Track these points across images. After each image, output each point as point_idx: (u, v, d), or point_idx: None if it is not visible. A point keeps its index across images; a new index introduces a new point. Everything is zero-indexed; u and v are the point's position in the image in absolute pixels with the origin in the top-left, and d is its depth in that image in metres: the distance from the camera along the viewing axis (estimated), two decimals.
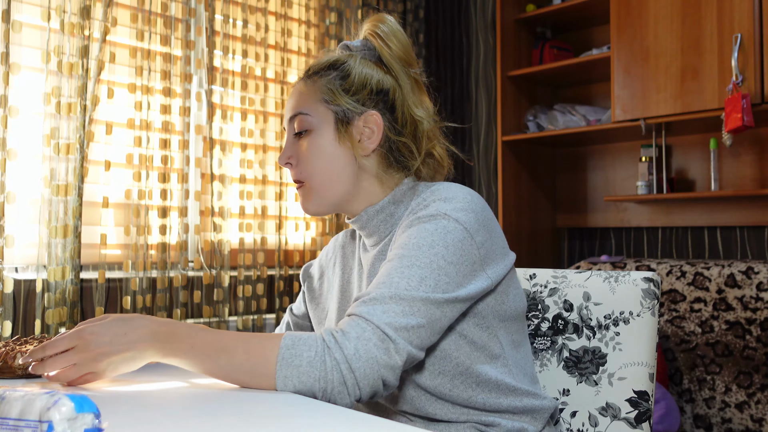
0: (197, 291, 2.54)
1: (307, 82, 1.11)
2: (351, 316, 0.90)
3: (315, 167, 1.08)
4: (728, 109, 2.35)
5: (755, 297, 2.37)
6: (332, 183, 1.08)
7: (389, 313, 0.88)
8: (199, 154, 2.63)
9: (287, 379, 0.86)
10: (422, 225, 0.97)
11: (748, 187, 2.71)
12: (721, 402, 2.43)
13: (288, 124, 1.12)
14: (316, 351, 0.86)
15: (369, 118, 1.08)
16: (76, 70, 2.20)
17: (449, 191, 1.01)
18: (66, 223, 2.16)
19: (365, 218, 1.10)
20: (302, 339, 0.87)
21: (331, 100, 1.08)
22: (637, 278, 1.12)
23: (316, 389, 0.85)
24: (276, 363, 0.86)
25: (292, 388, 0.86)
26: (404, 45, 1.11)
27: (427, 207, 0.99)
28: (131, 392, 0.88)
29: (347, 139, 1.07)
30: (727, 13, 2.45)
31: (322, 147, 1.07)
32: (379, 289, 0.90)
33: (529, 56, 3.23)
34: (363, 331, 0.87)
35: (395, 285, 0.90)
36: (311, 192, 1.09)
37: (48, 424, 0.57)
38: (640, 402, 1.08)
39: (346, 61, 1.10)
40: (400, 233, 1.00)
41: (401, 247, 0.95)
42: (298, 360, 0.85)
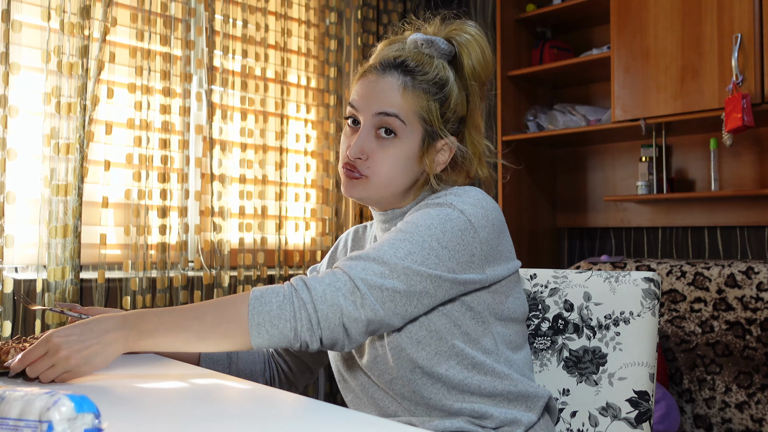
0: (197, 291, 2.54)
1: (407, 85, 1.07)
2: (331, 269, 0.95)
3: (387, 171, 1.07)
4: (728, 109, 2.35)
5: (755, 297, 2.37)
6: (393, 188, 1.09)
7: (368, 270, 0.92)
8: (199, 154, 2.63)
9: (260, 326, 0.89)
10: (427, 209, 1.00)
11: (748, 187, 2.71)
12: (721, 402, 2.43)
13: (371, 116, 1.07)
14: (284, 295, 0.90)
15: (447, 144, 1.10)
16: (76, 70, 2.20)
17: (463, 190, 1.05)
18: (66, 223, 2.16)
19: (391, 216, 1.14)
20: (270, 288, 0.92)
21: (427, 120, 1.07)
22: (637, 278, 1.12)
23: (287, 330, 0.89)
24: (248, 314, 0.89)
25: (266, 336, 0.89)
26: (487, 60, 1.12)
27: (438, 198, 1.03)
28: (131, 392, 0.88)
29: (426, 158, 1.09)
30: (727, 13, 2.45)
31: (403, 158, 1.07)
32: (365, 252, 0.95)
33: (529, 56, 3.23)
34: (336, 280, 0.91)
35: (383, 251, 0.95)
36: (369, 186, 1.08)
37: (48, 424, 0.57)
38: (640, 402, 1.08)
39: (447, 82, 1.08)
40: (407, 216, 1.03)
41: (403, 224, 1.00)
42: (268, 306, 0.89)
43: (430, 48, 1.09)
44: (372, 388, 1.08)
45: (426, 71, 1.07)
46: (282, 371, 1.28)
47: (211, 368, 1.18)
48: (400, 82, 1.07)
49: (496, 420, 1.01)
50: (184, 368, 1.06)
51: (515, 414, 1.03)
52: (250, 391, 0.89)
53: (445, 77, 1.08)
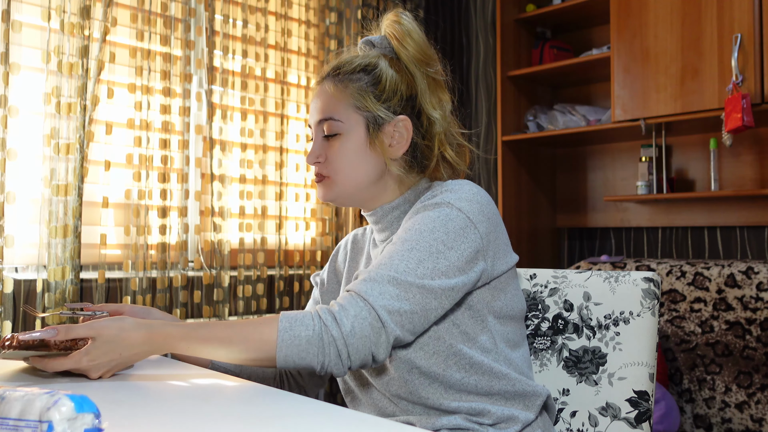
0: (197, 291, 2.54)
1: (338, 84, 1.12)
2: (350, 292, 0.95)
3: (343, 168, 1.11)
4: (728, 109, 2.35)
5: (755, 297, 2.37)
6: (357, 181, 1.11)
7: (385, 295, 0.93)
8: (199, 154, 2.63)
9: (287, 357, 0.92)
10: (426, 212, 1.01)
11: (748, 187, 2.71)
12: (721, 402, 2.43)
13: (316, 125, 1.14)
14: (313, 329, 0.92)
15: (399, 124, 1.11)
16: (76, 70, 2.20)
17: (457, 185, 1.05)
18: (66, 223, 2.16)
19: (380, 214, 1.14)
20: (299, 319, 0.93)
21: (362, 107, 1.10)
22: (637, 278, 1.12)
23: (314, 363, 0.92)
24: (276, 346, 0.91)
25: (292, 364, 0.92)
26: (420, 44, 1.12)
27: (434, 197, 1.03)
28: (131, 392, 0.88)
29: (377, 144, 1.11)
30: (727, 13, 2.45)
31: (352, 151, 1.10)
32: (379, 270, 0.96)
33: (529, 56, 3.23)
34: (360, 310, 0.92)
35: (394, 267, 0.95)
36: (333, 185, 1.12)
37: (48, 424, 0.57)
38: (640, 402, 1.08)
39: (376, 65, 1.11)
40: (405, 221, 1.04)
41: (405, 231, 1.00)
42: (297, 340, 0.91)
43: (370, 47, 1.15)
44: (370, 389, 1.08)
45: (349, 64, 1.12)
46: (293, 376, 1.28)
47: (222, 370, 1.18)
48: (331, 84, 1.13)
49: (493, 417, 1.02)
50: (184, 368, 1.06)
51: (513, 411, 1.03)
52: (250, 391, 0.89)
53: (372, 62, 1.12)
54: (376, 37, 1.15)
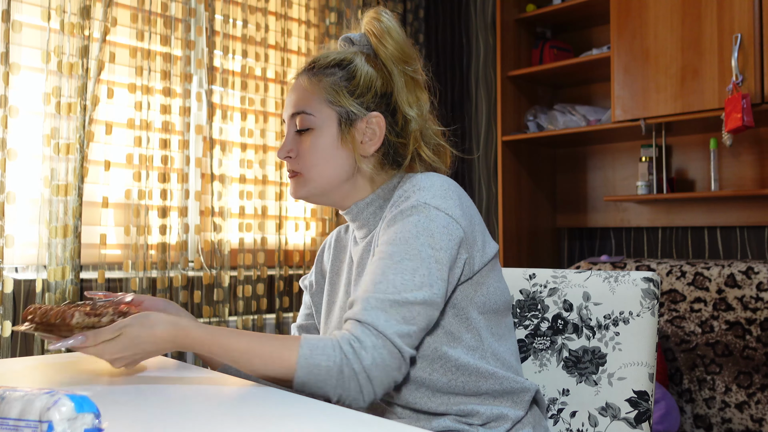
0: (197, 291, 2.54)
1: (312, 78, 1.10)
2: (360, 323, 0.93)
3: (313, 164, 1.09)
4: (728, 109, 2.35)
5: (755, 297, 2.37)
6: (328, 178, 1.10)
7: (392, 321, 0.92)
8: (199, 154, 2.63)
9: (305, 384, 0.91)
10: (406, 219, 0.99)
11: (748, 187, 2.71)
12: (721, 402, 2.43)
13: (289, 119, 1.12)
14: (334, 361, 0.90)
15: (371, 120, 1.10)
16: (76, 70, 2.20)
17: (427, 180, 1.03)
18: (66, 223, 2.16)
19: (355, 211, 1.13)
20: (319, 347, 0.91)
21: (335, 102, 1.09)
22: (636, 278, 1.12)
23: (331, 394, 0.91)
24: (294, 372, 0.90)
25: (308, 391, 0.91)
26: (399, 43, 1.11)
27: (407, 199, 1.01)
28: (131, 392, 0.88)
29: (349, 140, 1.09)
30: (727, 13, 2.45)
31: (323, 146, 1.09)
32: (378, 293, 0.94)
33: (529, 56, 3.23)
34: (375, 341, 0.91)
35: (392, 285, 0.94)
36: (304, 181, 1.11)
37: (48, 424, 0.57)
38: (639, 402, 1.08)
39: (352, 61, 1.10)
40: (385, 228, 1.02)
41: (389, 243, 0.98)
42: (316, 369, 0.90)
43: (350, 45, 1.14)
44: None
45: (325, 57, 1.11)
46: None
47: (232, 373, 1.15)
48: (304, 78, 1.12)
49: (482, 417, 1.02)
50: (184, 368, 1.06)
51: (502, 410, 1.03)
52: (250, 391, 0.89)
53: (347, 57, 1.11)
54: (356, 34, 1.14)
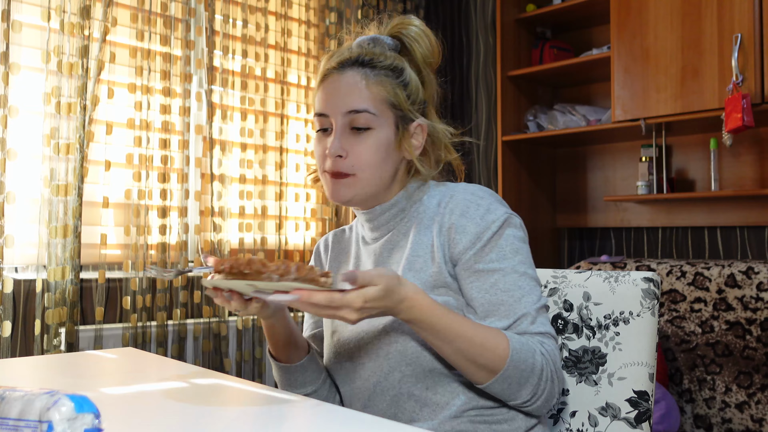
0: (197, 291, 2.54)
1: (370, 77, 1.09)
2: (542, 334, 1.00)
3: (370, 164, 1.08)
4: (728, 109, 2.35)
5: (755, 297, 2.37)
6: (380, 180, 1.10)
7: (548, 324, 1.03)
8: (199, 154, 2.63)
9: (509, 378, 0.95)
10: (504, 232, 1.05)
11: (748, 187, 2.71)
12: (721, 402, 2.43)
13: (343, 116, 1.08)
14: (538, 360, 0.96)
15: (418, 127, 1.13)
16: (76, 70, 2.20)
17: (482, 191, 1.09)
18: (66, 223, 2.16)
19: (377, 212, 1.14)
20: (525, 345, 0.96)
21: (397, 105, 1.10)
22: (637, 278, 1.12)
23: (524, 394, 0.97)
24: (505, 364, 0.94)
25: (503, 386, 0.96)
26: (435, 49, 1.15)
27: (488, 212, 1.06)
28: (131, 392, 0.88)
29: (403, 144, 1.11)
30: (727, 13, 2.45)
31: (383, 147, 1.09)
32: (533, 304, 1.01)
33: (529, 56, 3.22)
34: (555, 344, 1.01)
35: (534, 294, 1.03)
36: (356, 183, 1.09)
37: (48, 424, 0.57)
38: (640, 402, 1.08)
39: (404, 67, 1.12)
40: (473, 240, 1.04)
41: (506, 259, 1.04)
42: (523, 365, 0.95)
43: (376, 45, 1.14)
44: (372, 392, 1.08)
45: (381, 60, 1.11)
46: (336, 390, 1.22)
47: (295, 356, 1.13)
48: (360, 75, 1.09)
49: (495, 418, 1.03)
50: (184, 368, 1.06)
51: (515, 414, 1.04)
52: (249, 391, 0.89)
53: (400, 64, 1.12)
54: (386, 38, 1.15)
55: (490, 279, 1.02)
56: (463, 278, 1.05)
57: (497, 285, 1.02)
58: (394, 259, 1.13)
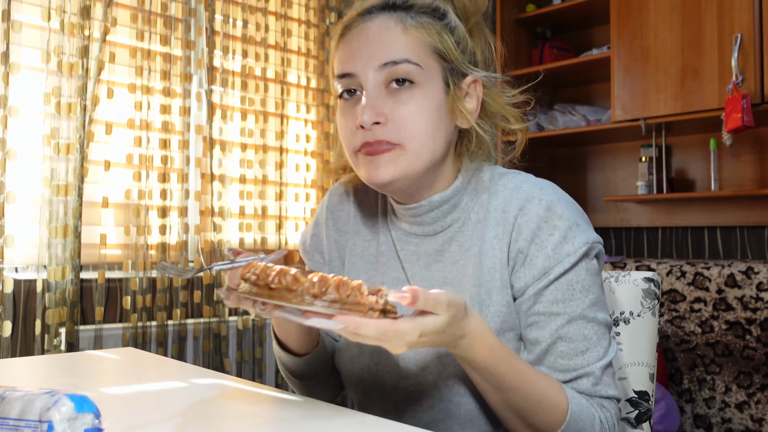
0: (197, 291, 2.54)
1: (411, 20, 0.85)
2: (608, 398, 0.85)
3: (419, 128, 0.83)
4: (728, 109, 2.35)
5: (755, 297, 2.37)
6: (431, 152, 0.85)
7: (615, 388, 0.86)
8: (199, 154, 2.63)
9: None
10: (580, 264, 0.85)
11: (748, 187, 2.72)
12: (721, 402, 2.43)
13: (376, 71, 0.84)
14: (593, 428, 0.82)
15: (473, 84, 0.89)
16: (76, 70, 2.20)
17: (560, 205, 0.86)
18: (66, 223, 2.16)
19: (427, 207, 0.91)
20: (584, 408, 0.82)
21: (446, 53, 0.86)
22: (637, 278, 1.12)
23: None
24: (559, 429, 0.80)
25: None
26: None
27: (564, 241, 0.84)
28: (131, 392, 0.88)
29: (457, 104, 0.87)
30: (727, 13, 2.45)
31: (433, 108, 0.84)
32: (599, 360, 0.84)
33: (529, 56, 3.22)
34: (616, 410, 0.86)
35: (602, 347, 0.85)
36: (403, 157, 0.84)
37: (48, 424, 0.57)
38: (640, 402, 1.08)
39: (448, 12, 0.88)
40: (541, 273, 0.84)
41: (569, 300, 0.84)
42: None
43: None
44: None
45: (424, 3, 0.88)
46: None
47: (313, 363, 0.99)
48: (395, 19, 0.85)
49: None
50: (184, 368, 1.06)
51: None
52: (250, 391, 0.89)
53: (443, 6, 0.88)
54: None
55: (551, 325, 0.84)
56: (521, 319, 0.87)
57: (558, 333, 0.83)
58: (449, 275, 0.91)
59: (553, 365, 0.84)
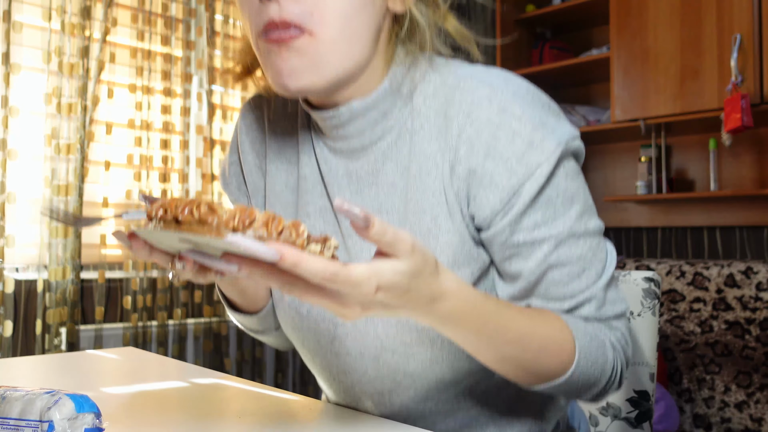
0: (198, 291, 2.55)
1: None
2: (613, 317, 0.74)
3: (338, 13, 0.66)
4: (727, 110, 2.35)
5: (754, 297, 2.38)
6: (353, 44, 0.68)
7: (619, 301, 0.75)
8: (199, 154, 2.63)
9: (571, 384, 0.70)
10: (558, 172, 0.69)
11: (748, 188, 2.72)
12: (721, 402, 2.43)
13: None
14: (609, 361, 0.72)
15: None
16: (77, 71, 2.21)
17: (515, 101, 0.70)
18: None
19: (347, 116, 0.73)
20: (594, 340, 0.71)
21: None
22: (637, 278, 1.12)
23: (585, 393, 0.72)
24: (569, 370, 0.69)
25: (554, 392, 0.71)
26: None
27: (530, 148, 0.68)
28: (132, 392, 0.88)
29: None
30: (727, 14, 2.45)
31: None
32: (604, 277, 0.72)
33: (529, 56, 3.23)
34: (628, 331, 0.76)
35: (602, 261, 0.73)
36: (316, 48, 0.67)
37: (48, 424, 0.57)
38: (640, 402, 1.08)
39: None
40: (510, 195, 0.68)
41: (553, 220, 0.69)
42: (592, 368, 0.70)
43: None
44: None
45: None
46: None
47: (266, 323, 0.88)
48: None
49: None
50: (185, 368, 1.07)
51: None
52: (250, 391, 0.89)
53: None
54: None
55: (536, 254, 0.70)
56: (495, 252, 0.72)
57: (547, 262, 0.70)
58: (387, 201, 0.75)
59: (545, 295, 0.72)
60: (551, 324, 0.69)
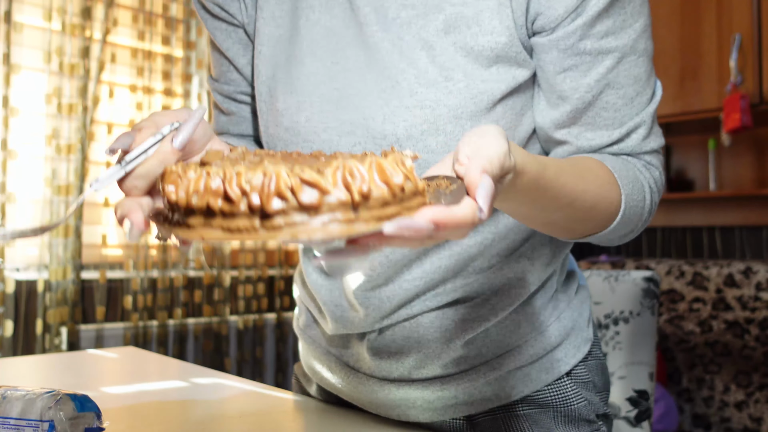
0: (198, 291, 2.55)
1: None
2: (652, 152, 0.70)
3: None
4: (727, 110, 2.35)
5: (754, 297, 2.38)
6: None
7: (659, 133, 0.71)
8: None
9: (616, 229, 0.66)
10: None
11: (747, 188, 2.72)
12: (720, 401, 2.44)
13: None
14: (646, 201, 0.68)
15: None
16: (77, 71, 2.21)
17: None
18: (67, 223, 2.17)
19: None
20: (636, 184, 0.67)
21: None
22: (637, 278, 1.12)
23: (623, 231, 0.68)
24: (613, 222, 0.65)
25: (593, 240, 0.68)
26: None
27: None
28: (132, 392, 0.88)
29: None
30: (726, 14, 2.45)
31: None
32: (652, 105, 0.69)
33: None
34: (660, 165, 0.71)
35: (650, 88, 0.68)
36: None
37: (49, 424, 0.58)
38: (640, 401, 1.08)
39: None
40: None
41: (622, 30, 0.64)
42: (633, 210, 0.66)
43: None
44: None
45: None
46: None
47: None
48: None
49: None
50: (185, 368, 1.07)
51: None
52: (250, 391, 0.89)
53: None
54: None
55: (598, 68, 0.64)
56: (551, 61, 0.65)
57: (607, 78, 0.64)
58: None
59: (594, 122, 0.66)
60: (601, 181, 0.63)
